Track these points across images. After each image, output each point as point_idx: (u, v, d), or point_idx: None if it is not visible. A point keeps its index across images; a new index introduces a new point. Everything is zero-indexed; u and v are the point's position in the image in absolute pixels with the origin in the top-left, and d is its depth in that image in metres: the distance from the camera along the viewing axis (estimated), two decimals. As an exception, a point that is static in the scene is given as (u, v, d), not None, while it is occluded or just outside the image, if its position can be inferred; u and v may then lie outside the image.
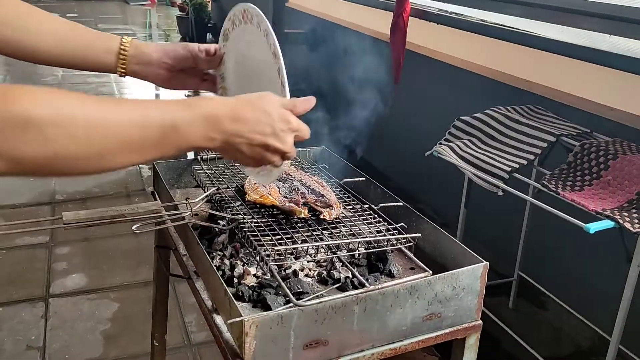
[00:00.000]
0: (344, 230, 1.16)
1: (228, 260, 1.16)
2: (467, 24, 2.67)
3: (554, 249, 2.28)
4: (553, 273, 2.29)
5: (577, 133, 1.86)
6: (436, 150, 1.93)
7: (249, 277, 1.11)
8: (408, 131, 3.29)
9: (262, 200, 1.20)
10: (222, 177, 1.41)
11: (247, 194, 1.24)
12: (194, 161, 1.50)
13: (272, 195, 1.22)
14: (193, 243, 1.14)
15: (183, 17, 8.01)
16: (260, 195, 1.21)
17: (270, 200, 1.19)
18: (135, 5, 11.36)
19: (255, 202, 1.21)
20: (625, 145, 1.70)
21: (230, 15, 1.16)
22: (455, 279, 1.01)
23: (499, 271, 2.41)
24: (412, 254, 1.15)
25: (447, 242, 1.14)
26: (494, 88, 2.58)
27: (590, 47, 2.01)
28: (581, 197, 1.57)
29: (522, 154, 1.84)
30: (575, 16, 2.04)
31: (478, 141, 2.00)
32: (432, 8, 2.93)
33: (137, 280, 2.68)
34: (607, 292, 1.82)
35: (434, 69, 3.01)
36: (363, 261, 1.15)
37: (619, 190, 1.57)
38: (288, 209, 1.19)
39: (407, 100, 3.11)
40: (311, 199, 1.22)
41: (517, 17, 2.35)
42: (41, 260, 2.80)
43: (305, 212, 1.17)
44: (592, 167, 1.67)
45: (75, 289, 2.60)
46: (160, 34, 8.96)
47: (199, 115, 0.77)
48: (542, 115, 2.06)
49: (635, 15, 1.83)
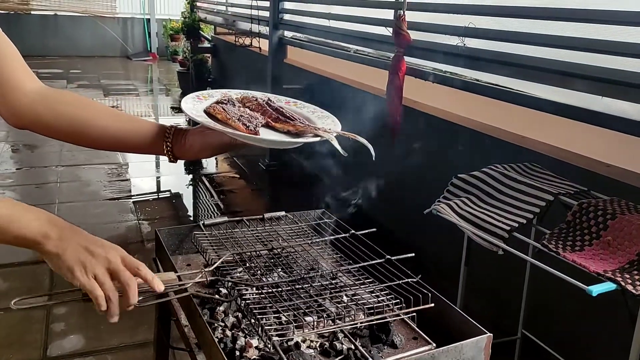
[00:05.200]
0: (346, 300, 1.16)
1: (230, 332, 1.16)
2: (461, 82, 2.74)
3: (557, 307, 2.26)
4: (557, 331, 2.27)
5: (574, 191, 1.88)
6: (435, 208, 1.94)
7: (251, 349, 1.10)
8: (407, 187, 3.32)
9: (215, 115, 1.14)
10: (223, 243, 1.42)
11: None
12: (195, 227, 1.51)
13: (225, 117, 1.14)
14: (195, 315, 1.14)
15: (184, 72, 8.19)
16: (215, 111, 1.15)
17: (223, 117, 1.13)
18: (137, 60, 11.62)
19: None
20: (623, 204, 1.72)
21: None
22: (459, 352, 1.00)
23: (502, 328, 2.38)
24: (415, 325, 1.15)
25: (449, 311, 1.14)
26: (491, 144, 2.62)
27: (584, 107, 2.05)
28: (582, 258, 1.57)
29: (521, 213, 1.85)
30: (567, 78, 2.10)
31: (476, 199, 2.02)
32: (427, 67, 3.01)
33: (135, 341, 2.64)
34: (613, 353, 1.80)
35: (431, 125, 3.06)
36: (365, 331, 1.14)
37: (619, 251, 1.57)
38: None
39: (404, 157, 3.15)
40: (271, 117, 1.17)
41: (509, 78, 2.41)
42: (39, 321, 2.76)
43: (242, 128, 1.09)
44: (591, 227, 1.68)
45: (72, 351, 2.56)
46: (161, 88, 9.14)
47: (42, 213, 0.94)
48: (539, 173, 2.09)
49: (626, 78, 1.88)
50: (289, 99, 1.30)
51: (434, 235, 2.74)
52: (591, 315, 2.07)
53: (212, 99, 1.21)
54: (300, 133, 1.12)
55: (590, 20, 2.04)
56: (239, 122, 1.09)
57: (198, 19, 8.03)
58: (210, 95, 1.23)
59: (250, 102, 1.23)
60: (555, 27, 2.17)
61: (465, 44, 2.60)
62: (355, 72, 3.96)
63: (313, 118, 1.20)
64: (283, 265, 1.31)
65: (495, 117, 2.75)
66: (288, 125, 1.13)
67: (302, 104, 1.28)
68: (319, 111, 1.24)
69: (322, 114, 1.23)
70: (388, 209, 3.40)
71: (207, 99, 1.21)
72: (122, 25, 12.11)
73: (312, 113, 1.23)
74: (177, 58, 9.62)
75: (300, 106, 1.28)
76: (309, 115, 1.22)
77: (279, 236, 1.46)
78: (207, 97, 1.22)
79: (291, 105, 1.27)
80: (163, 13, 12.39)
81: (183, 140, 1.11)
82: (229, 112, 1.13)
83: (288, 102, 1.28)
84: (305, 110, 1.25)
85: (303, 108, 1.27)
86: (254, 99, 1.23)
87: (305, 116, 1.21)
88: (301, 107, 1.27)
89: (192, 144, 1.10)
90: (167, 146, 1.10)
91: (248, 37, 5.99)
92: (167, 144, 1.11)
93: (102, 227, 3.79)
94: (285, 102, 1.28)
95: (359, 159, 2.35)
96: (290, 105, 1.27)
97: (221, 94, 1.25)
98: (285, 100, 1.29)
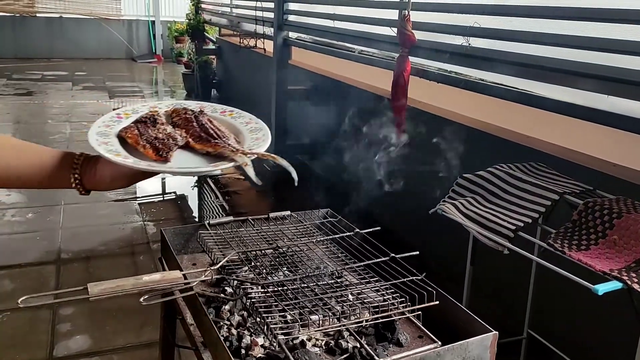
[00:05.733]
0: (352, 299, 1.16)
1: (235, 330, 1.16)
2: (466, 82, 2.73)
3: (563, 306, 2.25)
4: (563, 331, 2.26)
5: (580, 191, 1.87)
6: (440, 208, 1.94)
7: (256, 348, 1.10)
8: (412, 187, 3.31)
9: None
10: (229, 242, 1.43)
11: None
12: (200, 227, 1.51)
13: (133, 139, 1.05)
14: (201, 313, 1.14)
15: (188, 74, 8.21)
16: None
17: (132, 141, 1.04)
18: (143, 62, 11.66)
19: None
20: (629, 203, 1.71)
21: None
22: (464, 350, 1.00)
23: (508, 328, 2.37)
24: (420, 323, 1.14)
25: (455, 309, 1.14)
26: (496, 144, 2.61)
27: (590, 106, 2.04)
28: (588, 257, 1.57)
29: (526, 212, 1.85)
30: (572, 77, 2.09)
31: (482, 199, 2.01)
32: (431, 67, 3.01)
33: (141, 341, 2.65)
34: (619, 352, 1.79)
35: (436, 124, 3.06)
36: (371, 330, 1.14)
37: (626, 250, 1.57)
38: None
39: (409, 156, 3.15)
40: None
41: (515, 77, 2.40)
42: (45, 321, 2.78)
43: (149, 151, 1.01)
44: (597, 225, 1.67)
45: (78, 352, 2.57)
46: (166, 90, 9.16)
47: None
48: (544, 173, 2.08)
49: (632, 77, 1.87)
50: (226, 108, 1.22)
51: (438, 235, 2.73)
52: (597, 314, 2.06)
53: (136, 116, 1.12)
54: (220, 155, 1.03)
55: (595, 19, 2.03)
56: (149, 146, 1.00)
57: (203, 21, 8.05)
58: (135, 112, 1.14)
59: (178, 115, 1.14)
60: (560, 26, 2.17)
61: (470, 43, 2.60)
62: (360, 73, 3.97)
63: (245, 131, 1.12)
64: (288, 264, 1.32)
65: (501, 116, 2.75)
66: (208, 145, 1.04)
67: (238, 114, 1.20)
68: (253, 122, 1.16)
69: (256, 125, 1.14)
70: (393, 209, 3.40)
71: (129, 117, 1.12)
72: (127, 28, 12.16)
73: (246, 125, 1.15)
74: (182, 60, 9.65)
75: (236, 115, 1.19)
76: (241, 128, 1.13)
77: (284, 235, 1.47)
78: (131, 114, 1.13)
79: (226, 116, 1.19)
80: (168, 15, 12.44)
81: (93, 170, 0.98)
82: (143, 134, 1.04)
83: (224, 112, 1.20)
84: (240, 122, 1.17)
85: (238, 119, 1.18)
86: (183, 112, 1.15)
87: (236, 129, 1.13)
88: (236, 118, 1.18)
89: (102, 173, 0.98)
90: (75, 178, 0.98)
91: (253, 38, 6.00)
92: (75, 175, 0.98)
93: (108, 228, 3.80)
94: (220, 111, 1.20)
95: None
96: (225, 115, 1.19)
97: (149, 107, 1.17)
98: (221, 110, 1.21)
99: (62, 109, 7.13)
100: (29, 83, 8.55)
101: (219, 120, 1.15)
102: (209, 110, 1.19)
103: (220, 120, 1.15)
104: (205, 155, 1.04)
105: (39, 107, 7.27)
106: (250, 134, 1.11)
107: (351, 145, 3.48)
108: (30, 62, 10.58)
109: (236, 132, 1.11)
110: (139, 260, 3.44)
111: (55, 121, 6.55)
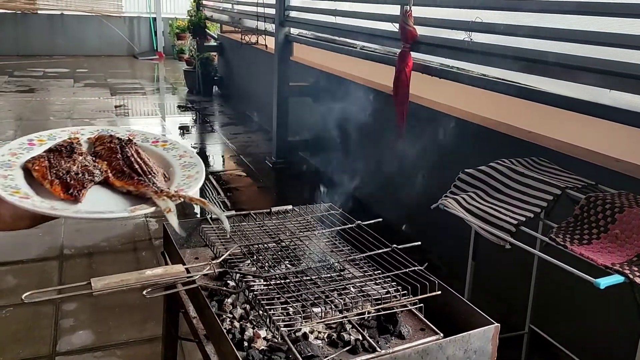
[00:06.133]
0: (354, 291, 1.17)
1: (238, 323, 1.16)
2: (468, 78, 2.73)
3: (565, 301, 2.25)
4: (565, 326, 2.26)
5: (582, 185, 1.87)
6: (442, 203, 1.94)
7: (259, 340, 1.11)
8: (414, 182, 3.31)
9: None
10: (231, 237, 1.43)
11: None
12: (202, 221, 1.52)
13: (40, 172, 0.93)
14: (203, 306, 1.15)
15: (190, 70, 8.21)
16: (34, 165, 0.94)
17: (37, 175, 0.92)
18: (144, 59, 11.66)
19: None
20: (631, 197, 1.71)
21: None
22: (466, 342, 1.00)
23: (510, 324, 2.37)
24: (422, 315, 1.15)
25: (456, 301, 1.14)
26: (498, 140, 2.61)
27: (592, 101, 2.04)
28: (589, 251, 1.57)
29: (528, 207, 1.85)
30: (574, 71, 2.08)
31: (484, 194, 2.02)
32: (433, 63, 3.00)
33: (143, 336, 2.66)
34: (620, 346, 1.79)
35: (438, 120, 3.06)
36: (373, 322, 1.15)
37: (627, 244, 1.57)
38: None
39: (411, 152, 3.15)
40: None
41: (516, 72, 2.40)
42: (48, 316, 2.78)
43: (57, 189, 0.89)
44: (599, 220, 1.67)
45: (82, 347, 2.57)
46: (167, 87, 9.16)
47: None
48: (546, 167, 2.08)
49: (634, 71, 1.87)
50: (159, 138, 1.09)
51: (440, 231, 2.73)
52: (599, 309, 2.06)
53: (52, 143, 0.99)
54: (142, 195, 0.91)
55: (596, 13, 2.03)
56: (58, 182, 0.88)
57: (204, 18, 8.05)
58: (52, 137, 1.02)
59: (102, 144, 1.02)
60: (562, 21, 2.16)
61: (472, 38, 2.60)
62: (361, 69, 3.96)
63: (177, 166, 1.01)
64: (290, 257, 1.32)
65: (502, 113, 2.74)
66: (129, 183, 0.92)
67: (172, 145, 1.07)
68: (188, 155, 1.04)
69: (190, 159, 1.02)
70: (394, 204, 3.40)
71: (43, 144, 0.99)
72: (128, 24, 12.16)
73: (179, 159, 1.03)
74: (183, 57, 9.65)
75: (169, 147, 1.06)
76: (173, 162, 1.02)
77: (286, 229, 1.47)
78: (47, 140, 1.01)
79: (158, 146, 1.06)
80: (169, 12, 12.45)
81: None
82: (54, 166, 0.92)
83: (156, 142, 1.07)
84: (172, 154, 1.04)
85: (171, 150, 1.05)
86: (108, 140, 1.02)
87: (167, 162, 1.01)
88: (169, 149, 1.06)
89: (2, 212, 0.85)
90: None
91: (254, 34, 6.00)
92: None
93: (110, 225, 3.80)
94: (152, 141, 1.07)
95: (364, 155, 2.34)
96: (157, 145, 1.06)
97: (70, 133, 1.04)
98: (153, 139, 1.08)
99: (64, 106, 7.14)
100: (31, 80, 8.55)
101: (149, 151, 1.03)
102: (139, 139, 1.07)
103: (151, 151, 1.03)
104: (127, 194, 0.92)
105: (40, 104, 7.27)
106: (182, 170, 0.99)
107: (353, 141, 3.48)
108: (31, 59, 10.58)
109: (167, 165, 1.00)
110: (141, 256, 3.45)
111: (57, 118, 6.55)
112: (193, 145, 5.72)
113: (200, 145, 5.76)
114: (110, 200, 0.90)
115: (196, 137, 6.14)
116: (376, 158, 3.04)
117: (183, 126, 6.54)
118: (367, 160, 2.95)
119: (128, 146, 1.00)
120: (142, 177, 0.92)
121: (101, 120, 6.42)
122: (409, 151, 3.15)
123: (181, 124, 6.65)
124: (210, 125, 6.53)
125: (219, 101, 7.88)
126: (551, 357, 2.29)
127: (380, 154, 2.99)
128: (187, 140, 5.89)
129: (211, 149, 5.65)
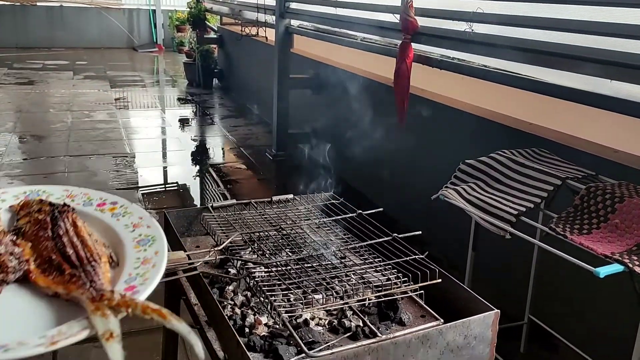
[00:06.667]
0: (355, 278, 1.17)
1: (239, 310, 1.17)
2: (469, 69, 2.73)
3: (565, 291, 2.26)
4: (565, 316, 2.27)
5: (582, 176, 1.88)
6: (442, 193, 1.94)
7: (260, 326, 1.11)
8: (414, 173, 3.32)
9: None
10: (232, 225, 1.43)
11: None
12: (204, 209, 1.52)
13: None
14: (205, 292, 1.15)
15: (190, 63, 8.19)
16: None
17: None
18: (144, 52, 11.63)
19: None
20: (631, 188, 1.71)
21: None
22: (466, 328, 1.01)
23: (509, 314, 2.38)
24: (423, 302, 1.15)
25: (456, 288, 1.14)
26: (498, 131, 2.61)
27: (593, 91, 2.04)
28: (589, 241, 1.57)
29: (528, 197, 1.85)
30: (575, 62, 2.08)
31: (484, 184, 2.02)
32: (434, 54, 3.00)
33: (144, 326, 2.66)
34: (621, 335, 1.80)
35: (438, 112, 3.05)
36: (373, 309, 1.15)
37: (627, 234, 1.57)
38: None
39: (412, 143, 3.15)
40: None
41: (517, 63, 2.39)
42: (48, 307, 2.79)
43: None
44: (599, 210, 1.68)
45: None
46: (167, 79, 9.15)
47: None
48: (547, 158, 2.08)
49: (635, 61, 1.87)
50: (107, 199, 0.78)
51: (440, 221, 2.74)
52: (598, 298, 2.07)
53: None
54: (74, 300, 0.66)
55: (597, 3, 2.02)
56: None
57: (204, 9, 8.02)
58: None
59: (28, 215, 0.73)
60: (563, 11, 2.16)
61: (473, 29, 2.59)
62: (362, 61, 3.96)
63: (128, 242, 0.74)
64: (291, 245, 1.32)
65: (503, 104, 2.74)
66: (57, 281, 0.66)
67: (123, 208, 0.76)
68: (144, 224, 0.75)
69: (147, 230, 0.74)
70: (394, 194, 3.40)
71: None
72: (127, 17, 12.12)
73: (132, 230, 0.76)
74: (183, 49, 9.62)
75: (119, 211, 0.76)
76: (123, 235, 0.74)
77: (287, 217, 1.47)
78: None
79: (105, 212, 0.76)
80: (169, 4, 12.41)
81: None
82: None
83: (102, 205, 0.77)
84: (122, 223, 0.75)
85: (121, 217, 0.75)
86: (35, 209, 0.74)
87: (115, 235, 0.73)
88: (119, 215, 0.75)
89: None
90: None
91: (254, 26, 5.98)
92: None
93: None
94: (97, 204, 0.77)
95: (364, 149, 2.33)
96: (103, 210, 0.75)
97: None
98: (98, 202, 0.77)
99: (64, 98, 7.13)
100: (30, 72, 8.53)
101: (92, 220, 0.75)
102: (80, 201, 0.78)
103: (93, 221, 0.75)
104: (54, 296, 0.67)
105: (40, 96, 7.26)
106: (136, 249, 0.72)
107: (353, 132, 3.48)
108: (31, 52, 10.55)
109: (115, 242, 0.73)
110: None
111: (57, 110, 6.54)
112: (193, 137, 5.72)
113: (200, 138, 5.76)
114: (27, 312, 0.62)
115: (196, 130, 6.13)
116: (377, 150, 3.03)
117: (183, 119, 6.54)
118: (367, 152, 2.95)
119: (62, 216, 0.72)
120: (76, 268, 0.67)
121: (100, 112, 6.42)
122: (409, 143, 3.15)
123: (181, 117, 6.64)
124: (210, 117, 6.52)
125: (219, 93, 7.87)
126: (550, 347, 2.30)
127: (380, 146, 2.99)
128: (187, 133, 5.89)
129: (211, 142, 5.65)
